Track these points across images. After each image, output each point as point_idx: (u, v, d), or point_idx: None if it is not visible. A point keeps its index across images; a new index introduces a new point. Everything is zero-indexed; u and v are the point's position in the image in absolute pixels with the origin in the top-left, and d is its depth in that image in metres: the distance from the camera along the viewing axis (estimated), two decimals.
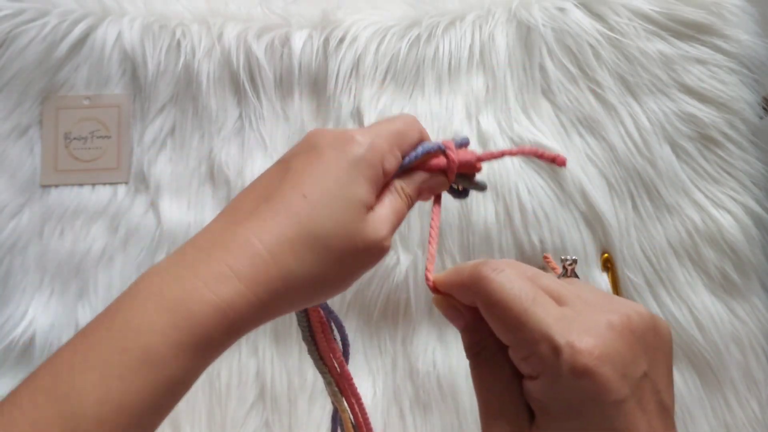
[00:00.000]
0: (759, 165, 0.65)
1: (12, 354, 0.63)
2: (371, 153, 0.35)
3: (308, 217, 0.33)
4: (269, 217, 0.33)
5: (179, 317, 0.30)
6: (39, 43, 0.66)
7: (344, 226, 0.33)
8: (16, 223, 0.65)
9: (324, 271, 0.33)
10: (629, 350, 0.29)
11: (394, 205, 0.36)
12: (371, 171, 0.35)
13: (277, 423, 0.62)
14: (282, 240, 0.32)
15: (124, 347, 0.29)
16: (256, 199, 0.34)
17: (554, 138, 0.65)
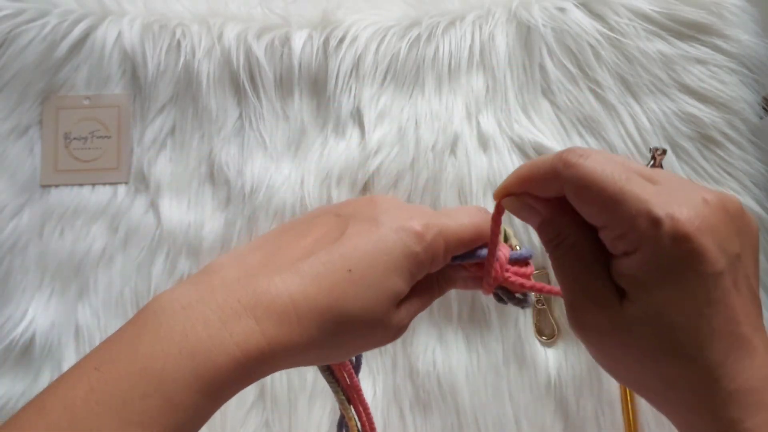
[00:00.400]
0: (759, 165, 0.65)
1: (12, 354, 0.63)
2: (426, 254, 0.35)
3: (344, 293, 0.32)
4: (308, 278, 0.32)
5: (203, 367, 0.29)
6: (39, 43, 0.66)
7: (374, 313, 0.34)
8: (16, 223, 0.65)
9: (338, 344, 0.34)
10: (725, 227, 0.29)
11: (425, 300, 0.38)
12: (418, 269, 0.35)
13: (277, 423, 0.62)
14: (312, 307, 0.32)
15: (145, 393, 0.28)
16: (304, 246, 0.34)
17: (554, 138, 0.65)
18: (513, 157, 0.64)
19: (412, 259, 0.34)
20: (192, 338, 0.29)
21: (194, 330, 0.29)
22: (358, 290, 0.33)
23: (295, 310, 0.31)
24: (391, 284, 0.34)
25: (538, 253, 0.60)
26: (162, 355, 0.28)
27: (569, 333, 0.62)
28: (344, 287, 0.32)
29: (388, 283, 0.34)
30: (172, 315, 0.30)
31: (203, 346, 0.29)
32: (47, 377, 0.62)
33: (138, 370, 0.28)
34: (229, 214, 0.65)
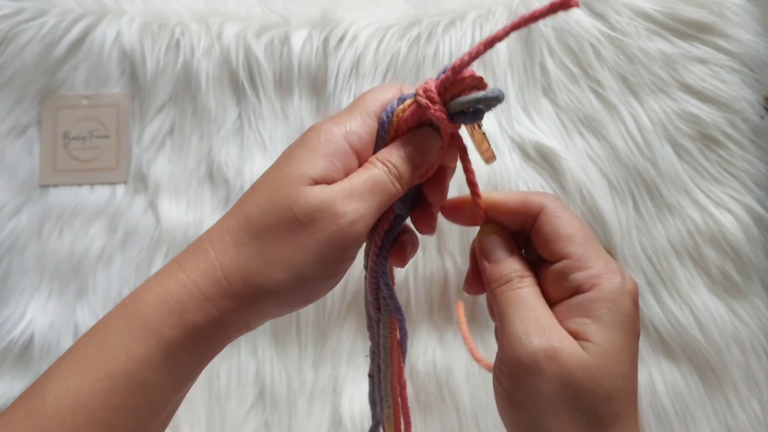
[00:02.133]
0: (760, 165, 0.65)
1: (11, 354, 0.63)
2: (326, 131, 0.33)
3: (248, 204, 0.33)
4: (223, 217, 0.34)
5: (130, 311, 0.31)
6: (38, 42, 0.66)
7: (278, 199, 0.32)
8: (15, 223, 0.65)
9: (266, 253, 0.31)
10: None
11: (363, 174, 0.33)
12: (326, 145, 0.33)
13: (277, 423, 0.62)
14: (222, 231, 0.33)
15: (86, 343, 0.31)
16: None
17: (555, 137, 0.65)
18: (514, 156, 0.64)
19: (313, 142, 0.33)
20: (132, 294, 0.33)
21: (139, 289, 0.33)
22: (258, 194, 0.33)
23: (209, 240, 0.33)
24: (289, 168, 0.32)
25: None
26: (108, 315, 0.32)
27: None
28: (248, 201, 0.33)
29: (284, 169, 0.33)
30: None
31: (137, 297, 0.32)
32: None
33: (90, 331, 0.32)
34: None
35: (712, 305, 0.62)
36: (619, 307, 0.32)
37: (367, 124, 0.34)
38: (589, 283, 0.32)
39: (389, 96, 0.35)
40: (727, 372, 0.61)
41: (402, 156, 0.34)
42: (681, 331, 0.62)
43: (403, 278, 0.63)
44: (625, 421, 0.31)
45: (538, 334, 0.31)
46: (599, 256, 0.33)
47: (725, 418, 0.61)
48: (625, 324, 0.32)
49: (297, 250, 0.31)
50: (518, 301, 0.33)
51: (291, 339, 0.63)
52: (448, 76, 0.32)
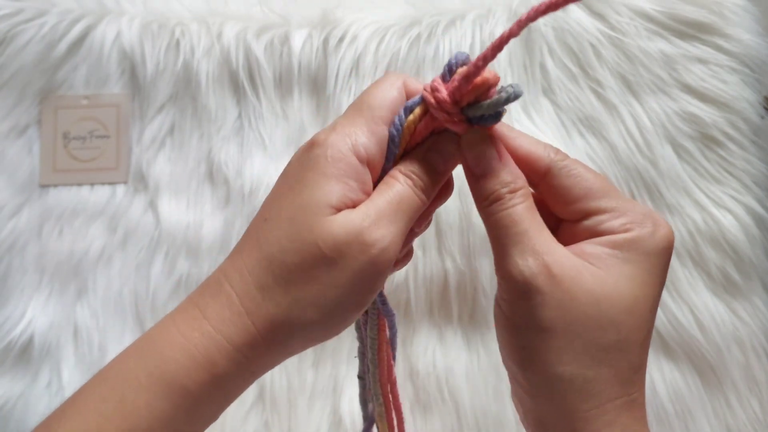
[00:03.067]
0: (760, 165, 0.65)
1: (11, 354, 0.63)
2: (331, 149, 0.30)
3: (266, 241, 0.30)
4: (237, 252, 0.31)
5: (152, 364, 0.29)
6: (37, 42, 0.66)
7: (300, 235, 0.29)
8: (14, 223, 0.65)
9: (293, 293, 0.29)
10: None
11: (383, 194, 0.30)
12: (335, 166, 0.30)
13: (277, 424, 0.62)
14: (243, 272, 0.30)
15: (104, 395, 0.29)
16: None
17: (555, 137, 0.65)
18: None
19: (321, 163, 0.30)
20: (146, 340, 0.31)
21: (151, 333, 0.31)
22: (275, 227, 0.30)
23: (229, 282, 0.30)
24: (304, 198, 0.29)
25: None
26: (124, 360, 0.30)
27: None
28: (264, 236, 0.30)
29: (299, 200, 0.29)
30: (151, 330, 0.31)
31: (154, 344, 0.30)
32: (46, 378, 0.62)
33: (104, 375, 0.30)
34: (229, 213, 0.65)
35: (712, 305, 0.62)
36: (648, 249, 0.30)
37: (374, 132, 0.31)
38: (625, 227, 0.30)
39: (394, 95, 0.32)
40: (727, 372, 0.61)
41: (425, 166, 0.31)
42: (681, 331, 0.62)
43: (403, 278, 0.63)
44: (633, 365, 0.29)
45: (534, 255, 0.29)
46: (637, 207, 0.31)
47: (725, 418, 0.61)
48: (651, 265, 0.30)
49: (328, 288, 0.29)
50: (510, 222, 0.30)
51: None
52: (462, 84, 0.29)
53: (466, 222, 0.63)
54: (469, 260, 0.63)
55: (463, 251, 0.63)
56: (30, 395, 0.62)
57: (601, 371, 0.29)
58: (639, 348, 0.29)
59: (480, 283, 0.62)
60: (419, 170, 0.31)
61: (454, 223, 0.63)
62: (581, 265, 0.29)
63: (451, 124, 0.31)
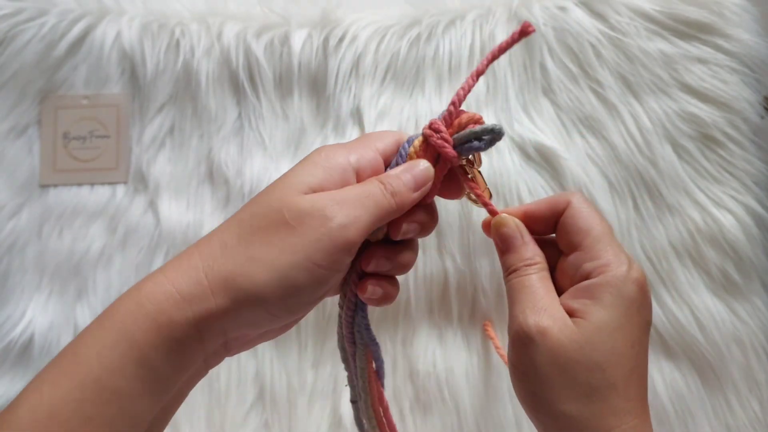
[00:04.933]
0: (760, 165, 0.65)
1: (11, 354, 0.63)
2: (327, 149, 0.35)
3: (242, 210, 0.34)
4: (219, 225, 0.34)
5: (105, 318, 0.31)
6: (38, 42, 0.66)
7: (270, 203, 0.32)
8: (14, 223, 0.65)
9: (254, 255, 0.31)
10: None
11: (358, 187, 0.34)
12: (326, 159, 0.34)
13: (277, 424, 0.62)
14: (212, 236, 0.33)
15: (63, 354, 0.30)
16: None
17: (555, 137, 0.65)
18: (514, 156, 0.64)
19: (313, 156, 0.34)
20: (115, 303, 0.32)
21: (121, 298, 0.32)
22: (252, 201, 0.33)
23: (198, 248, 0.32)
24: (287, 176, 0.33)
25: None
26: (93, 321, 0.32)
27: None
28: (242, 208, 0.34)
29: (283, 178, 0.34)
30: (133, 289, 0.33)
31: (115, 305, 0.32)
32: None
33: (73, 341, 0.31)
34: (229, 214, 0.65)
35: (712, 305, 0.62)
36: (621, 291, 0.34)
37: (369, 155, 0.35)
38: (597, 271, 0.35)
39: (392, 138, 0.37)
40: (727, 372, 0.61)
41: (398, 176, 0.35)
42: (681, 331, 0.62)
43: (404, 278, 0.63)
44: (624, 397, 0.33)
45: (533, 313, 0.34)
46: (611, 249, 0.36)
47: (725, 418, 0.61)
48: (626, 306, 0.34)
49: (282, 251, 0.31)
50: (521, 287, 0.36)
51: (291, 339, 0.63)
52: (450, 110, 0.36)
53: (466, 222, 0.63)
54: (469, 260, 0.63)
55: (463, 251, 0.63)
56: None
57: (596, 406, 0.33)
58: (625, 381, 0.33)
59: (480, 283, 0.62)
60: (393, 178, 0.35)
61: (454, 222, 0.63)
62: (569, 318, 0.34)
63: (435, 139, 0.36)
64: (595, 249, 0.36)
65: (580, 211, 0.37)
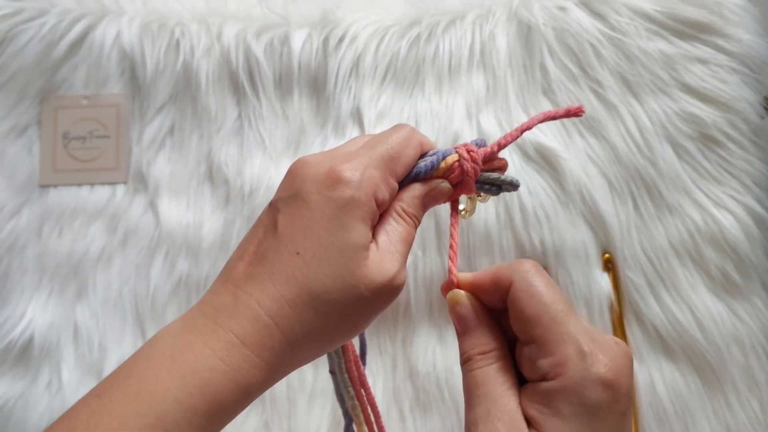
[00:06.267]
0: (760, 165, 0.65)
1: (11, 354, 0.63)
2: (360, 192, 0.33)
3: (304, 276, 0.32)
4: (267, 280, 0.33)
5: (192, 384, 0.30)
6: (37, 42, 0.66)
7: (343, 278, 0.32)
8: (14, 223, 0.65)
9: (331, 326, 0.33)
10: (630, 371, 0.32)
11: (399, 233, 0.35)
12: (363, 209, 0.33)
13: (277, 423, 0.62)
14: (282, 303, 0.32)
15: (138, 412, 0.29)
16: (252, 257, 0.34)
17: (555, 138, 0.65)
18: (513, 156, 0.64)
19: (351, 205, 0.33)
20: (179, 361, 0.31)
21: (181, 354, 0.31)
22: (314, 266, 0.32)
23: (267, 312, 0.32)
24: (343, 240, 0.33)
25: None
26: (154, 378, 0.30)
27: None
28: (301, 271, 0.32)
29: (339, 241, 0.32)
30: (163, 344, 0.32)
31: (190, 366, 0.31)
32: (46, 378, 0.62)
33: (132, 392, 0.30)
34: (228, 214, 0.65)
35: (712, 305, 0.62)
36: (582, 398, 0.30)
37: (389, 183, 0.35)
38: (554, 372, 0.31)
39: (412, 155, 0.36)
40: (726, 372, 0.61)
41: (421, 205, 0.36)
42: (681, 331, 0.62)
43: None
44: None
45: (487, 422, 0.31)
46: (567, 338, 0.31)
47: (725, 418, 0.61)
48: (590, 415, 0.30)
49: (360, 319, 0.34)
50: (475, 385, 0.33)
51: None
52: (493, 149, 0.37)
53: (465, 222, 0.63)
54: (469, 260, 0.63)
55: (463, 251, 0.63)
56: (30, 395, 0.62)
57: None
58: None
59: None
60: (418, 211, 0.36)
61: None
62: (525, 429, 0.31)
63: (469, 180, 0.37)
64: (548, 342, 0.31)
65: (524, 293, 0.33)
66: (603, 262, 0.64)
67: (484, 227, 0.63)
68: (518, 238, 0.63)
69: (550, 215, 0.63)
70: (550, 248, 0.63)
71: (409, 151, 0.36)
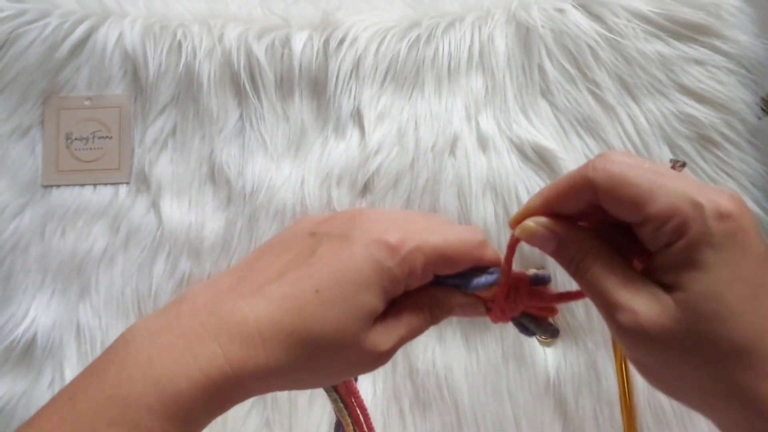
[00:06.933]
0: (757, 165, 0.65)
1: (13, 354, 0.63)
2: (400, 268, 0.33)
3: (311, 315, 0.32)
4: (275, 301, 0.32)
5: (167, 394, 0.29)
6: (40, 44, 0.66)
7: (344, 333, 0.32)
8: (17, 224, 0.65)
9: (312, 369, 0.33)
10: (745, 206, 0.29)
11: (412, 324, 0.35)
12: (391, 284, 0.33)
13: (278, 422, 0.62)
14: (278, 330, 0.31)
15: (112, 419, 0.29)
16: (275, 268, 0.33)
17: (553, 139, 0.65)
18: (512, 157, 0.65)
19: (384, 274, 0.33)
20: (157, 364, 0.30)
21: (159, 356, 0.30)
22: (325, 310, 0.32)
23: (260, 333, 0.31)
24: (360, 301, 0.32)
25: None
26: (128, 382, 0.29)
27: (568, 332, 0.63)
28: (311, 308, 0.32)
29: (356, 300, 0.32)
30: (141, 342, 0.31)
31: (167, 372, 0.30)
32: (48, 377, 0.62)
33: (105, 397, 0.29)
34: (230, 214, 0.65)
35: None
36: (709, 240, 0.28)
37: (426, 278, 0.35)
38: (677, 233, 0.29)
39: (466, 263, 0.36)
40: None
41: (450, 313, 0.36)
42: None
43: None
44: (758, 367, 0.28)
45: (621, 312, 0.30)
46: (678, 200, 0.29)
47: None
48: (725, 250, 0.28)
49: (335, 375, 0.35)
50: (588, 285, 0.32)
51: None
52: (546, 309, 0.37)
53: (465, 222, 0.63)
54: None
55: None
56: (32, 395, 0.62)
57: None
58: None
59: None
60: (443, 315, 0.36)
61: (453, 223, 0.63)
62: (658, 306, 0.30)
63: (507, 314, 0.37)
64: (662, 212, 0.29)
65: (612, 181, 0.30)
66: None
67: (483, 227, 0.63)
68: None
69: None
70: None
71: (464, 259, 0.35)
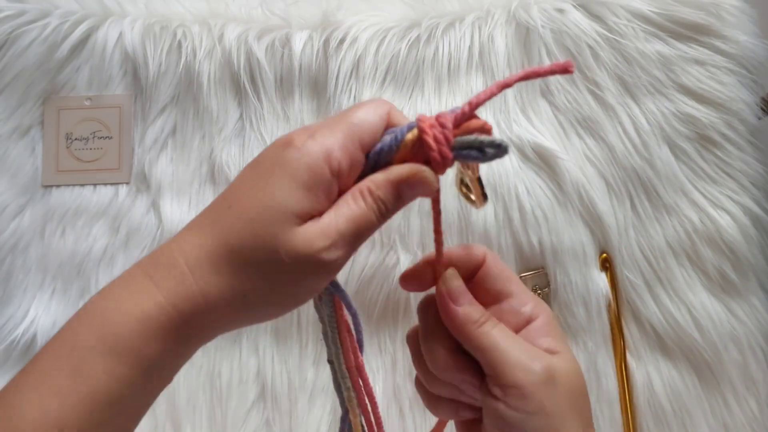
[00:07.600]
0: (757, 165, 0.65)
1: (13, 354, 0.63)
2: (307, 156, 0.31)
3: (229, 229, 0.31)
4: (195, 229, 0.33)
5: (106, 332, 0.30)
6: (40, 44, 0.66)
7: (263, 238, 0.31)
8: (17, 224, 0.65)
9: (247, 286, 0.32)
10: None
11: (350, 212, 0.32)
12: (308, 175, 0.31)
13: (278, 422, 0.62)
14: (200, 254, 0.32)
15: (59, 365, 0.30)
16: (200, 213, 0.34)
17: (553, 138, 0.65)
18: (512, 157, 0.65)
19: (294, 166, 0.31)
20: (98, 309, 0.32)
21: (103, 302, 0.32)
22: (241, 221, 0.31)
23: (186, 261, 0.32)
24: (270, 202, 0.31)
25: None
26: (75, 331, 0.31)
27: (568, 333, 0.63)
28: (228, 223, 0.32)
29: (266, 201, 0.31)
30: (95, 298, 0.33)
31: (107, 313, 0.31)
32: None
33: (57, 346, 0.31)
34: None
35: (710, 305, 0.62)
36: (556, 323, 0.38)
37: (348, 149, 0.32)
38: (535, 312, 0.37)
39: (375, 121, 0.33)
40: (724, 371, 0.62)
41: (394, 190, 0.33)
42: (678, 330, 0.62)
43: None
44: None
45: (535, 359, 0.35)
46: (528, 291, 0.39)
47: (723, 416, 0.61)
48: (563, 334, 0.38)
49: (277, 285, 0.32)
50: (504, 336, 0.36)
51: (292, 337, 0.64)
52: (465, 111, 0.32)
53: (465, 222, 0.63)
54: None
55: None
56: None
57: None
58: None
59: None
60: (388, 198, 0.33)
61: (453, 223, 0.63)
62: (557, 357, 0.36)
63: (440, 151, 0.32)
64: (523, 294, 0.38)
65: (498, 261, 0.39)
66: (600, 261, 0.64)
67: (483, 227, 0.63)
68: (517, 238, 0.63)
69: (548, 215, 0.63)
70: (549, 248, 0.63)
71: (374, 119, 0.33)
